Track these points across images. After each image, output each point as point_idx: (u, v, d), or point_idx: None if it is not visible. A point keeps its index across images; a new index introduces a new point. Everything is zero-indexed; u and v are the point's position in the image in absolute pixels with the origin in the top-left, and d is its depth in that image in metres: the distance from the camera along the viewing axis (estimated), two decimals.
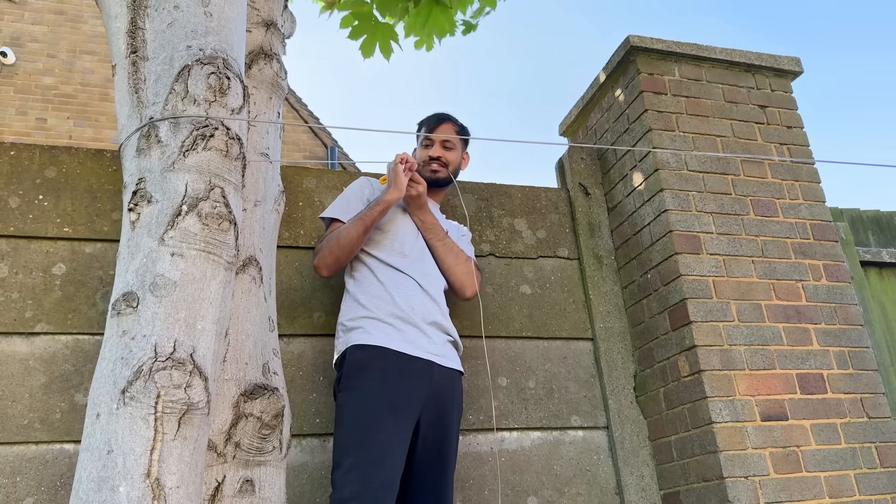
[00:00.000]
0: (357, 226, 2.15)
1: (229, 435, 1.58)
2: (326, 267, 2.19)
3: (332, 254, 2.17)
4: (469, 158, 2.54)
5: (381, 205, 2.16)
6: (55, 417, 2.14)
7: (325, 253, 2.19)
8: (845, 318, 2.59)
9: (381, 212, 2.17)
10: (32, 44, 7.20)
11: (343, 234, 2.17)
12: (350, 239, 2.15)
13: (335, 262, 2.18)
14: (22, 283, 2.25)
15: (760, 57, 2.94)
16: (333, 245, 2.17)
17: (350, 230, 2.16)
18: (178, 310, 1.33)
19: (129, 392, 1.25)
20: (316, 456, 2.31)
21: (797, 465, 2.30)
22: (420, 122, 2.49)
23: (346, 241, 2.15)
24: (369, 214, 2.16)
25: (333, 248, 2.17)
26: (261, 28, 2.04)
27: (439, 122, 2.43)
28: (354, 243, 2.16)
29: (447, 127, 2.42)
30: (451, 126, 2.43)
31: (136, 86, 1.52)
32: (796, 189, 2.76)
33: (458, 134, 2.44)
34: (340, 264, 2.19)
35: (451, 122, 2.45)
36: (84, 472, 1.24)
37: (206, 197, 1.41)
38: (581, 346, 2.73)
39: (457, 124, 2.45)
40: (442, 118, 2.45)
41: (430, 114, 2.48)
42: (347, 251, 2.16)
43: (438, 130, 2.41)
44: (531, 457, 2.51)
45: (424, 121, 2.47)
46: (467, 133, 2.48)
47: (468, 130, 2.49)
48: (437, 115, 2.46)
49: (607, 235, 2.93)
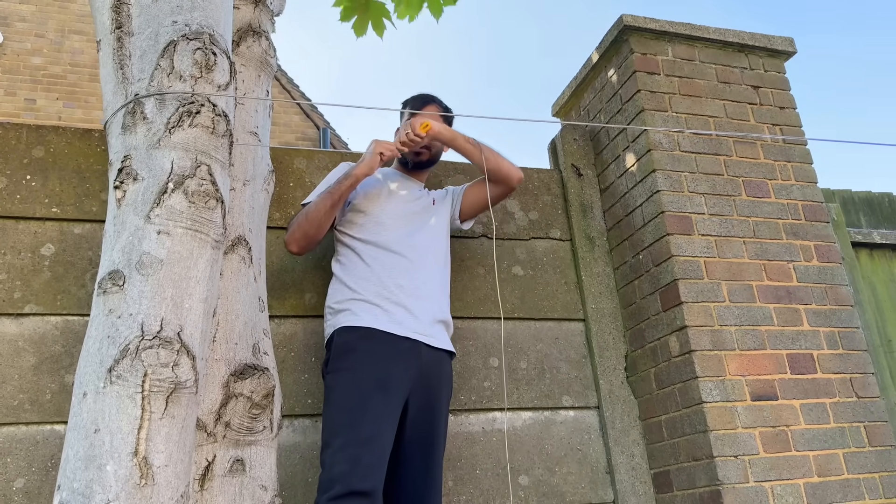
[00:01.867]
0: (325, 200, 2.13)
1: (219, 415, 1.58)
2: (295, 242, 2.18)
3: (301, 228, 2.16)
4: None
5: (350, 179, 2.14)
6: (45, 398, 2.13)
7: (294, 228, 2.18)
8: (836, 298, 2.60)
9: (349, 186, 2.14)
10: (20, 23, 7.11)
11: (311, 208, 2.15)
12: (318, 212, 2.13)
13: (304, 236, 2.16)
14: (10, 264, 2.23)
15: (754, 37, 2.92)
16: (302, 220, 2.16)
17: (318, 204, 2.14)
18: (164, 288, 1.32)
19: (115, 371, 1.24)
20: (308, 436, 2.31)
21: (786, 445, 2.32)
22: (404, 101, 2.48)
23: (314, 214, 2.13)
24: (337, 189, 2.14)
25: (302, 223, 2.15)
26: (249, 5, 2.01)
27: (424, 103, 2.43)
28: (322, 217, 2.13)
29: (432, 108, 2.42)
30: (436, 108, 2.43)
31: (122, 62, 1.49)
32: (788, 170, 2.76)
33: (443, 115, 2.43)
34: (310, 239, 2.17)
35: (435, 103, 2.44)
36: (71, 451, 1.23)
37: (193, 174, 1.40)
38: (573, 326, 2.74)
39: (441, 105, 2.45)
40: (427, 99, 2.44)
41: (415, 94, 2.47)
42: (316, 225, 2.14)
43: (424, 111, 2.40)
44: (523, 436, 2.52)
45: (409, 101, 2.46)
46: (451, 114, 2.48)
47: (451, 111, 2.48)
48: (422, 95, 2.46)
49: (599, 216, 2.92)
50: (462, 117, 2.47)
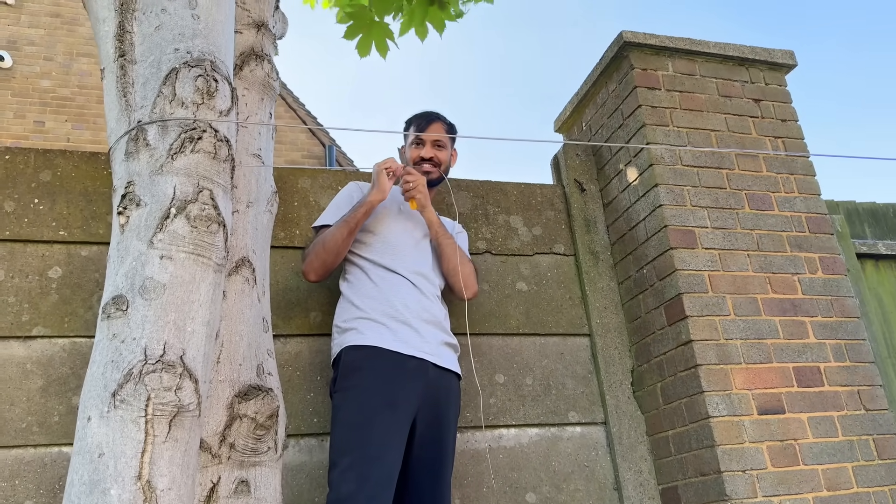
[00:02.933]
0: (341, 228, 2.16)
1: (224, 436, 1.58)
2: (314, 271, 2.21)
3: (319, 258, 2.19)
4: (457, 154, 2.55)
5: (364, 206, 2.17)
6: (53, 420, 2.14)
7: (311, 258, 2.21)
8: (842, 310, 2.59)
9: (364, 213, 2.17)
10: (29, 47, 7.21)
11: (328, 237, 2.18)
12: (335, 242, 2.16)
13: (322, 265, 2.19)
14: (18, 287, 2.25)
15: (754, 50, 2.93)
16: (319, 249, 2.19)
17: (335, 233, 2.17)
18: (167, 312, 1.33)
19: (119, 395, 1.25)
20: (314, 455, 2.32)
21: (794, 459, 2.30)
22: (408, 119, 2.49)
23: (332, 244, 2.17)
24: (353, 217, 2.17)
25: (319, 252, 2.18)
26: (251, 29, 2.04)
27: (429, 121, 2.44)
28: (340, 246, 2.17)
29: (437, 126, 2.43)
30: (441, 125, 2.45)
31: (125, 89, 1.52)
32: (791, 182, 2.76)
33: (448, 132, 2.46)
34: (327, 268, 2.20)
35: (440, 121, 2.46)
36: (76, 475, 1.24)
37: (195, 199, 1.42)
38: (578, 342, 2.74)
39: (446, 123, 2.47)
40: (432, 117, 2.45)
41: (418, 112, 2.49)
42: (333, 254, 2.17)
43: (429, 130, 2.41)
44: (529, 453, 2.51)
45: (413, 119, 2.47)
46: (455, 131, 2.50)
47: (456, 128, 2.50)
48: (427, 113, 2.47)
49: (603, 231, 2.92)
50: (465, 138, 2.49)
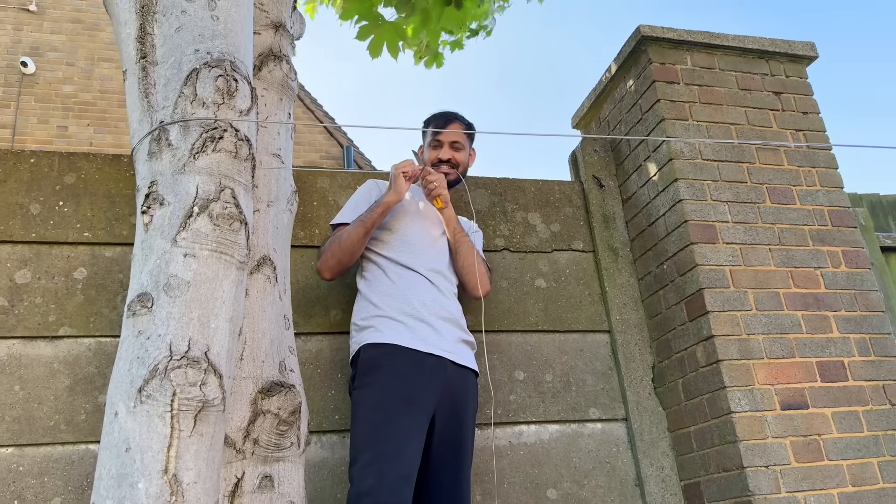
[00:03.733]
0: (358, 228, 2.18)
1: (247, 432, 1.60)
2: (329, 270, 2.22)
3: (335, 256, 2.20)
4: (476, 154, 2.55)
5: (381, 206, 2.18)
6: (80, 418, 2.18)
7: (327, 256, 2.22)
8: (866, 304, 2.56)
9: (380, 213, 2.19)
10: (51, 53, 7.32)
11: (344, 236, 2.19)
12: (351, 241, 2.18)
13: (337, 264, 2.21)
14: (45, 288, 2.29)
15: (774, 43, 2.91)
16: (335, 248, 2.20)
17: (351, 233, 2.18)
18: (191, 309, 1.35)
19: (145, 390, 1.28)
20: (335, 452, 2.33)
21: (818, 454, 2.28)
22: (426, 119, 2.49)
23: (348, 243, 2.18)
24: (369, 217, 2.18)
25: (335, 251, 2.20)
26: (270, 30, 2.06)
27: (447, 121, 2.43)
28: (356, 245, 2.18)
29: (455, 127, 2.43)
30: (459, 125, 2.44)
31: (147, 90, 1.54)
32: (813, 175, 2.73)
33: (466, 133, 2.45)
34: (342, 266, 2.22)
35: (458, 121, 2.45)
36: (104, 470, 1.27)
37: (217, 198, 1.44)
38: (598, 338, 2.73)
39: (464, 123, 2.46)
40: (450, 118, 2.45)
41: (436, 112, 2.48)
42: (349, 253, 2.19)
43: (447, 130, 2.41)
44: (550, 450, 2.51)
45: (431, 119, 2.47)
46: (474, 130, 2.49)
47: (474, 128, 2.49)
48: (445, 114, 2.46)
49: (622, 227, 2.91)
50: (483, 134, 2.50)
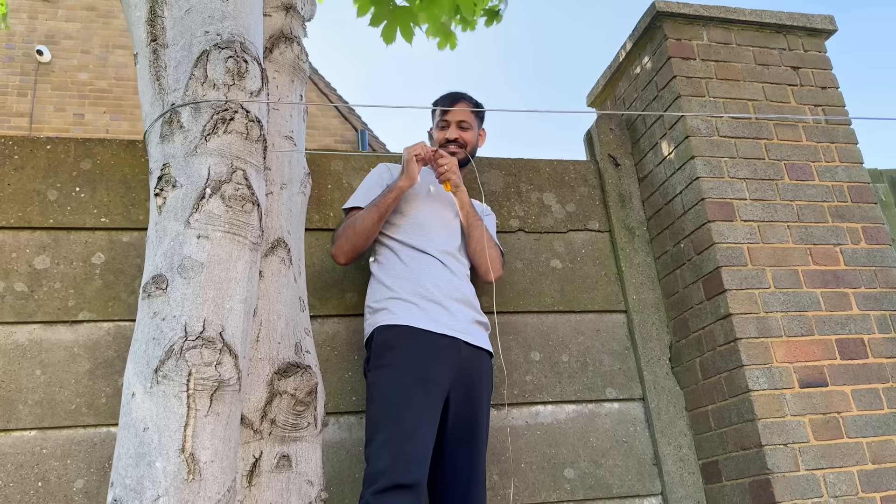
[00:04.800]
0: (372, 213, 2.18)
1: (264, 412, 1.61)
2: (343, 254, 2.23)
3: (349, 241, 2.20)
4: (486, 134, 2.53)
5: (395, 191, 2.18)
6: (100, 402, 2.21)
7: (341, 241, 2.22)
8: (886, 281, 2.53)
9: (394, 198, 2.19)
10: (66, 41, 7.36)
11: (359, 221, 2.19)
12: (365, 226, 2.18)
13: (351, 249, 2.21)
14: (64, 273, 2.32)
15: (792, 17, 2.85)
16: (350, 233, 2.20)
17: (365, 217, 2.18)
18: (205, 290, 1.36)
19: (161, 371, 1.29)
20: (353, 432, 2.35)
21: (838, 432, 2.26)
22: (434, 101, 2.48)
23: (362, 228, 2.18)
24: (383, 202, 2.18)
25: (350, 236, 2.20)
26: (280, 12, 2.05)
27: (454, 101, 2.42)
28: (370, 230, 2.18)
29: (462, 106, 2.41)
30: (466, 104, 2.42)
31: (158, 73, 1.54)
32: (832, 151, 2.69)
33: (474, 112, 2.43)
34: (357, 251, 2.22)
35: (465, 100, 2.43)
36: (122, 449, 1.28)
37: (229, 179, 1.44)
38: (614, 318, 2.72)
39: (471, 102, 2.44)
40: (456, 97, 2.43)
41: (444, 93, 2.47)
42: (364, 238, 2.19)
43: (454, 110, 2.39)
44: (567, 429, 2.51)
45: (439, 100, 2.46)
46: (482, 110, 2.47)
47: (483, 107, 2.47)
48: (452, 94, 2.45)
49: (638, 206, 2.89)
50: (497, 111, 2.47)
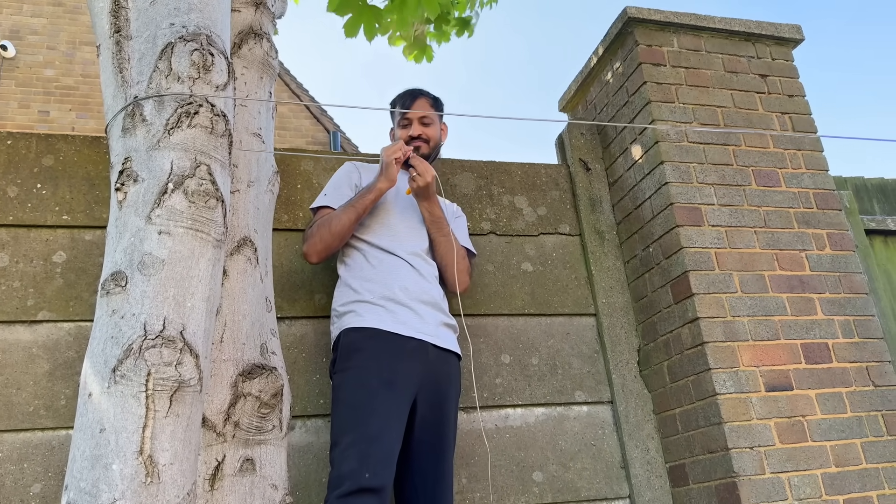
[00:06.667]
0: (349, 213, 2.14)
1: (228, 414, 1.58)
2: (316, 253, 2.18)
3: (323, 240, 2.16)
4: (447, 129, 2.53)
5: (374, 193, 2.15)
6: (60, 404, 2.15)
7: (314, 240, 2.17)
8: (850, 286, 2.57)
9: (372, 200, 2.15)
10: (32, 36, 7.20)
11: (335, 220, 2.15)
12: (342, 226, 2.14)
13: (325, 248, 2.17)
14: (23, 272, 2.25)
15: (760, 25, 2.89)
16: (325, 232, 2.15)
17: (342, 217, 2.14)
18: (166, 288, 1.32)
19: (119, 370, 1.25)
20: (320, 436, 2.32)
21: (803, 435, 2.29)
22: (393, 100, 2.47)
23: (338, 227, 2.14)
24: (361, 203, 2.15)
25: (325, 236, 2.15)
26: (250, 7, 2.02)
27: (414, 98, 2.41)
28: (346, 230, 2.15)
29: (422, 102, 2.40)
30: (426, 101, 2.41)
31: (121, 65, 1.51)
32: (799, 158, 2.73)
33: (433, 107, 2.42)
34: (330, 251, 2.18)
35: (425, 96, 2.43)
36: (77, 451, 1.24)
37: (192, 174, 1.41)
38: (584, 321, 2.72)
39: (430, 97, 2.43)
40: (416, 94, 2.42)
41: (402, 91, 2.46)
42: (339, 238, 2.15)
43: (414, 107, 2.38)
44: (536, 433, 2.51)
45: (398, 98, 2.45)
46: (441, 105, 2.46)
47: (442, 102, 2.47)
48: (411, 91, 2.44)
49: (609, 210, 2.90)
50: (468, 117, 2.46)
